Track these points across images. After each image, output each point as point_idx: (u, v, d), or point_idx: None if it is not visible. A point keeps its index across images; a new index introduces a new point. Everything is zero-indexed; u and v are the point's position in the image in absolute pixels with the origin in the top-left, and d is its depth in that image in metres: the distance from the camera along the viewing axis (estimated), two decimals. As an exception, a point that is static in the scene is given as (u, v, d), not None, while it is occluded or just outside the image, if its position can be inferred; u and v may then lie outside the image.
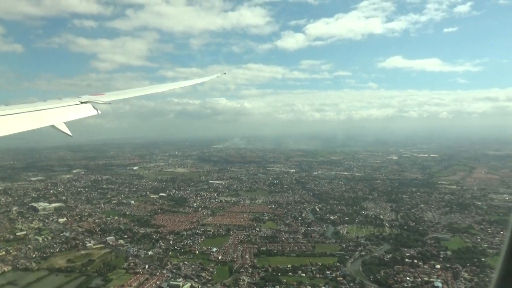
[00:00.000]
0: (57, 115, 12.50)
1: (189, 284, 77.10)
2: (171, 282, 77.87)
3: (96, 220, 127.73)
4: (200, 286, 77.12)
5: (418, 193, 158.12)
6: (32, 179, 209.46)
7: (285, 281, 78.95)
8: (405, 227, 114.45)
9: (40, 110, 12.36)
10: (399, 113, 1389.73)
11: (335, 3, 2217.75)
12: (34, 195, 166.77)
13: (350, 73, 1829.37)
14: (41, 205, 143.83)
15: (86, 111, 13.75)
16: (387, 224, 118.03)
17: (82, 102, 14.29)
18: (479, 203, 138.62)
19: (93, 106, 14.12)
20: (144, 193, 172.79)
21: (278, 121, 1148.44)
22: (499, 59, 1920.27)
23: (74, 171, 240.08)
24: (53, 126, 11.66)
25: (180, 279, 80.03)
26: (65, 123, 12.14)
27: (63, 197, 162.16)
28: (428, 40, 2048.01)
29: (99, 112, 14.03)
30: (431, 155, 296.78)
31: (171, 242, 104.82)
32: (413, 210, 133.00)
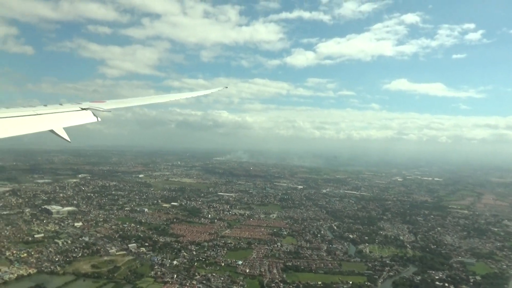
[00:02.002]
0: (56, 120, 12.43)
1: (223, 296, 75.69)
2: (204, 294, 76.43)
3: (113, 226, 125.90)
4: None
5: (432, 216, 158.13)
6: (39, 181, 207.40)
7: (319, 298, 77.78)
8: (427, 249, 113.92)
9: (40, 114, 12.39)
10: (399, 136, 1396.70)
11: (349, 24, 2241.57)
12: (44, 197, 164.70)
13: (354, 93, 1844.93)
14: (54, 208, 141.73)
15: (86, 117, 13.71)
16: (408, 245, 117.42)
17: (82, 109, 14.28)
18: (495, 229, 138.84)
19: (93, 113, 14.07)
20: (155, 201, 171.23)
21: (278, 137, 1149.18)
22: (503, 87, 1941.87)
23: (80, 175, 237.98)
24: (52, 131, 11.59)
25: (212, 291, 78.62)
26: (64, 128, 12.04)
27: (74, 201, 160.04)
28: (435, 65, 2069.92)
29: (99, 119, 13.98)
30: (435, 179, 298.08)
31: (194, 252, 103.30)
32: (431, 233, 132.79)
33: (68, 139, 11.68)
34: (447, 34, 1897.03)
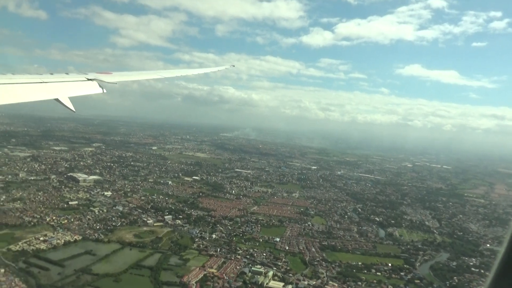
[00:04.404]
0: (62, 89, 12.54)
1: (272, 272, 76.98)
2: (253, 268, 77.67)
3: (142, 197, 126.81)
4: (282, 275, 77.03)
5: (450, 203, 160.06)
6: (55, 148, 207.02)
7: (364, 278, 79.39)
8: (454, 236, 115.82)
9: (46, 82, 12.47)
10: (404, 121, 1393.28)
11: (373, 5, 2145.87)
12: (65, 165, 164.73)
13: (365, 76, 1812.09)
14: (80, 176, 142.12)
15: (92, 88, 13.75)
16: (435, 231, 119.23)
17: (88, 79, 14.25)
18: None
19: (99, 85, 14.09)
20: (176, 174, 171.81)
21: (283, 116, 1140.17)
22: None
23: (94, 144, 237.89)
24: (57, 99, 11.68)
25: (259, 266, 79.93)
26: (70, 98, 12.13)
27: (97, 170, 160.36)
28: (453, 52, 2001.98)
29: (105, 91, 14.01)
30: (444, 166, 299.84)
31: (229, 227, 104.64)
32: (454, 220, 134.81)
33: (73, 109, 11.75)
34: (472, 21, 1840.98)
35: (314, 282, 75.21)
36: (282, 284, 73.16)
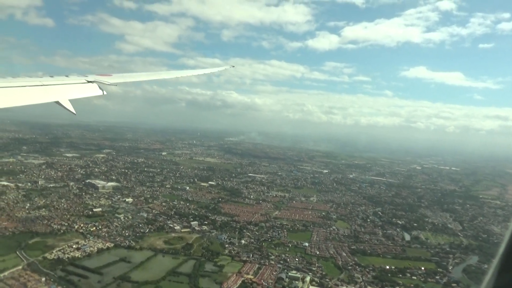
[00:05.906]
0: (62, 91, 12.39)
1: (309, 277, 76.50)
2: (289, 274, 77.16)
3: (163, 203, 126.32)
4: (319, 280, 76.55)
5: (468, 205, 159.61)
6: (67, 155, 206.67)
7: (400, 282, 78.95)
8: (479, 238, 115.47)
9: (46, 85, 12.33)
10: (406, 123, 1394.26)
11: (381, 8, 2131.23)
12: (81, 171, 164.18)
13: (370, 78, 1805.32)
14: (99, 182, 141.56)
15: (92, 90, 13.61)
16: (459, 234, 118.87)
17: (88, 81, 14.15)
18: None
19: (99, 87, 13.96)
20: (191, 180, 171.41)
21: (285, 120, 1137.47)
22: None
23: (105, 151, 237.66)
24: (57, 102, 11.50)
25: (294, 271, 79.41)
26: (71, 101, 11.93)
27: (113, 177, 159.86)
28: (460, 54, 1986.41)
29: (105, 92, 13.86)
30: (453, 168, 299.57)
31: (256, 233, 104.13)
32: (475, 222, 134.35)
33: (74, 112, 11.59)
34: (480, 23, 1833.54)
35: (352, 287, 74.70)
36: (321, 289, 72.74)
